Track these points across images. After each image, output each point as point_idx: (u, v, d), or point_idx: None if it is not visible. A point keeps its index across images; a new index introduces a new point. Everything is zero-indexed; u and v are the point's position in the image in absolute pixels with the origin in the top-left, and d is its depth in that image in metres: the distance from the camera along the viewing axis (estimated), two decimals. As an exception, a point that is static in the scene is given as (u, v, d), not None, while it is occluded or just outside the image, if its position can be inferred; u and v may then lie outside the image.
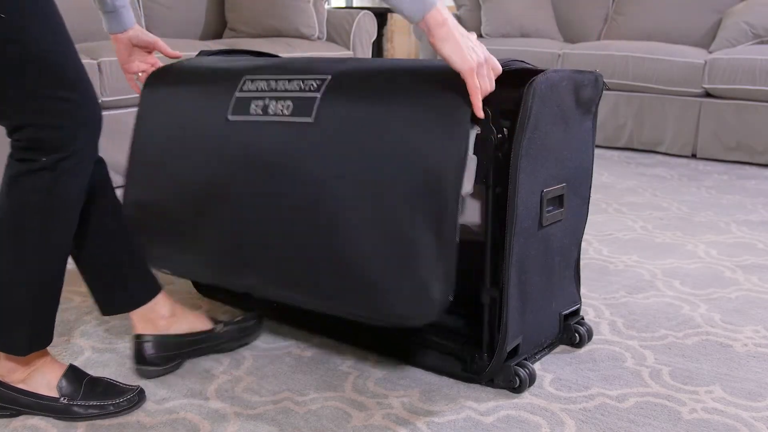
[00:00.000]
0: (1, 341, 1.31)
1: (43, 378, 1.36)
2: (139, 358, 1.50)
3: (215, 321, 1.61)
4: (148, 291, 1.52)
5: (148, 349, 1.50)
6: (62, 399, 1.35)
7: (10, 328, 1.30)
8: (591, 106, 1.52)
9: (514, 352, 1.47)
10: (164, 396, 1.44)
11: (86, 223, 1.42)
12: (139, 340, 1.51)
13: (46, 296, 1.32)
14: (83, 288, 1.95)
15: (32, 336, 1.32)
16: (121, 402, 1.37)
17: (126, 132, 2.96)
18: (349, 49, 3.96)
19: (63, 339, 1.66)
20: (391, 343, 1.62)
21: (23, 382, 1.35)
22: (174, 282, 2.00)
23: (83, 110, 1.27)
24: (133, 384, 1.43)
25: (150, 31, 3.52)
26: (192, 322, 1.57)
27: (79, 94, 1.26)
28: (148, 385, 1.46)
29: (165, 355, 1.51)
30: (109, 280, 1.47)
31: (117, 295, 1.49)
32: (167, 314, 1.54)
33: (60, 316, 1.76)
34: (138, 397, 1.39)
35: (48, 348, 1.38)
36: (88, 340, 1.67)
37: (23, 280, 1.29)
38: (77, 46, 3.06)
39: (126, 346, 1.63)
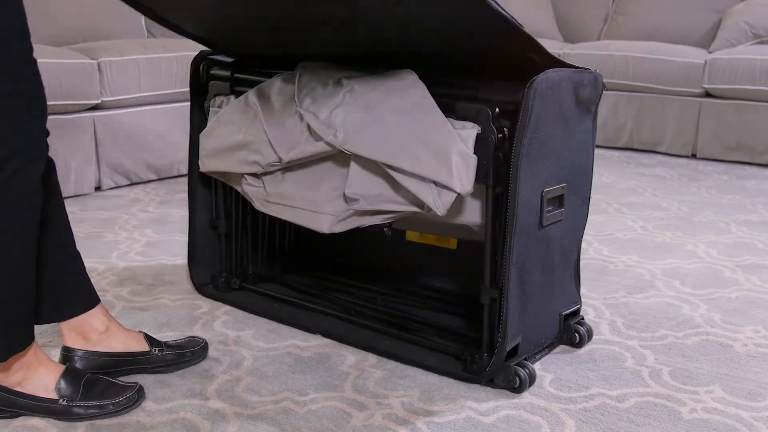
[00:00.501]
0: None
1: (40, 381, 1.34)
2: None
3: (153, 343, 1.53)
4: (82, 304, 1.45)
5: (77, 363, 1.46)
6: (61, 400, 1.34)
7: None
8: (591, 105, 1.52)
9: (514, 352, 1.47)
10: (164, 396, 1.44)
11: None
12: (67, 353, 1.46)
13: (12, 298, 1.26)
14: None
15: (6, 340, 1.28)
16: (121, 401, 1.37)
17: (126, 132, 2.96)
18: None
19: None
20: (391, 343, 1.62)
21: (20, 386, 1.34)
22: (174, 282, 2.00)
23: (24, 105, 1.20)
24: (131, 382, 1.42)
25: (150, 32, 3.53)
26: (126, 341, 1.50)
27: (24, 86, 1.19)
28: (148, 385, 1.46)
29: (93, 372, 1.45)
30: (41, 288, 1.40)
31: (45, 304, 1.42)
32: (101, 329, 1.48)
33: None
34: (137, 395, 1.39)
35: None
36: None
37: None
38: (77, 46, 3.06)
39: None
